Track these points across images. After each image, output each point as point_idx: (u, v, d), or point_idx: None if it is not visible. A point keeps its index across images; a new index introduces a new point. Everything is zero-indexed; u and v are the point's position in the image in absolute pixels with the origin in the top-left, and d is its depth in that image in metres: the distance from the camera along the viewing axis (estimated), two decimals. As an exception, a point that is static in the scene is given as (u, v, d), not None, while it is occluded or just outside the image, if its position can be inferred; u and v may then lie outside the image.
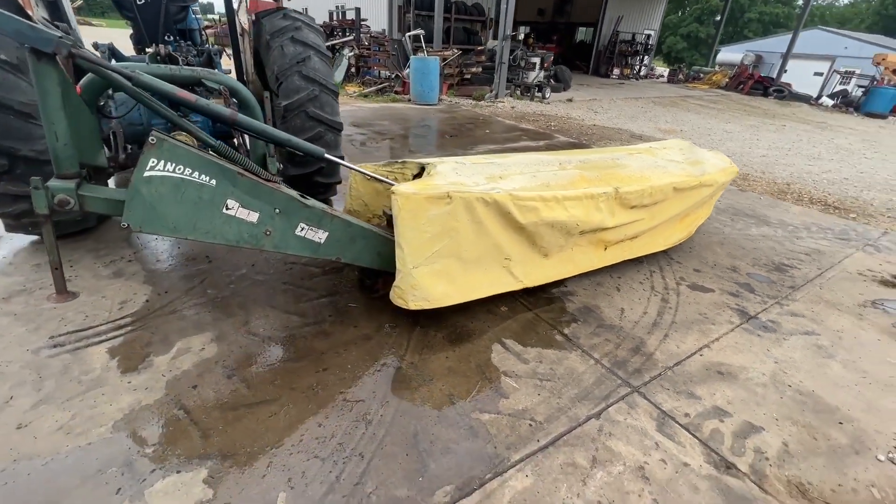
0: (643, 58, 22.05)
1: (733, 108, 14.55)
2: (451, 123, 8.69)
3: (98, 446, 1.76)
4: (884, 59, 18.06)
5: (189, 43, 3.53)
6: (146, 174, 1.86)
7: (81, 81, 2.15)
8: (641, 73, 22.36)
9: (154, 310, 2.58)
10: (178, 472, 1.68)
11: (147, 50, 3.70)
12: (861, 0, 62.19)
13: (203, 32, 4.43)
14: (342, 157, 3.15)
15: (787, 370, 2.42)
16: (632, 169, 3.31)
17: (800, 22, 19.13)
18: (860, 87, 18.96)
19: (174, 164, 1.89)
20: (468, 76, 12.37)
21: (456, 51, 11.99)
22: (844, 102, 16.63)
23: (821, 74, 29.65)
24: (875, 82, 17.59)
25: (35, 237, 3.15)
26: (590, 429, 1.98)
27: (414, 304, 2.43)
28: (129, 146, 3.26)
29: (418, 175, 2.95)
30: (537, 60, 12.36)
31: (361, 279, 2.97)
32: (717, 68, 24.39)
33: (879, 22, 52.02)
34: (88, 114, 2.16)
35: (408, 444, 1.85)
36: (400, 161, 3.01)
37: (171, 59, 2.86)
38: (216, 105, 2.05)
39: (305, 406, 2.01)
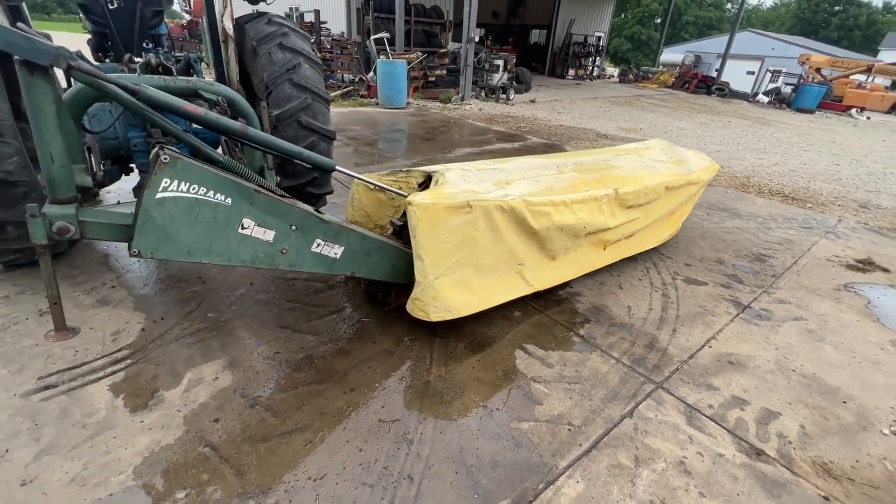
0: (595, 59, 22.92)
1: (683, 106, 15.41)
2: (424, 127, 8.64)
3: (121, 497, 1.60)
4: (808, 59, 19.76)
5: (165, 50, 3.30)
6: (158, 195, 1.71)
7: (65, 95, 1.95)
8: (594, 74, 23.23)
9: (153, 339, 2.39)
10: (218, 515, 1.56)
11: (107, 59, 3.42)
12: (781, 4, 67.80)
13: (170, 38, 4.15)
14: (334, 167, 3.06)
15: (788, 356, 2.58)
16: (624, 170, 3.43)
17: (735, 25, 20.56)
18: (788, 84, 20.61)
19: (188, 184, 1.76)
20: (432, 79, 12.37)
21: (420, 53, 11.95)
22: (778, 99, 18.03)
23: (752, 73, 32.06)
24: (802, 80, 19.21)
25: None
26: (626, 428, 2.02)
27: (436, 316, 2.40)
28: (103, 163, 3.02)
29: (423, 183, 2.91)
30: (501, 63, 12.54)
31: (370, 292, 2.90)
32: (661, 68, 25.72)
33: (797, 24, 56.88)
34: (75, 131, 1.96)
35: (454, 461, 1.82)
36: (404, 170, 2.96)
37: (164, 70, 2.65)
38: (226, 119, 1.92)
39: (340, 431, 1.92)
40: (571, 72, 21.87)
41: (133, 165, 3.14)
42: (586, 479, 1.77)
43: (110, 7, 2.78)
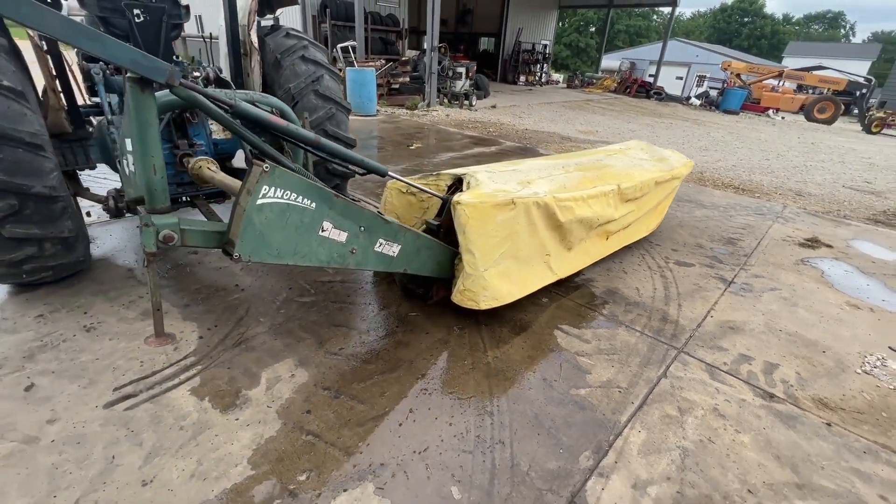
0: (543, 66, 24.07)
1: (628, 109, 16.62)
2: (400, 133, 8.82)
3: (246, 484, 1.71)
4: (729, 65, 21.92)
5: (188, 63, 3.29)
6: (259, 202, 1.83)
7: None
8: (543, 80, 24.37)
9: (214, 345, 2.44)
10: (344, 490, 1.71)
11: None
12: (699, 15, 74.33)
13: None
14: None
15: (773, 319, 3.07)
16: (618, 168, 3.84)
17: (666, 34, 22.37)
18: (712, 88, 22.74)
19: (283, 190, 1.88)
20: (396, 86, 12.55)
21: (384, 61, 12.09)
22: (708, 102, 19.88)
23: (681, 78, 34.96)
24: (725, 84, 21.29)
25: (12, 286, 2.74)
26: (664, 386, 2.37)
27: (485, 304, 2.64)
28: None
29: (452, 185, 3.14)
30: (463, 70, 12.97)
31: (409, 289, 3.07)
32: (603, 74, 27.41)
33: (714, 34, 62.57)
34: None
35: (534, 425, 2.07)
36: (434, 174, 3.17)
37: (220, 83, 2.68)
38: (303, 130, 2.06)
39: (426, 410, 2.11)
40: (522, 78, 22.84)
41: None
42: (646, 429, 2.08)
43: (136, 21, 2.78)
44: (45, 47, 2.43)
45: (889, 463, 2.00)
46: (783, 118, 18.80)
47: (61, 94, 2.55)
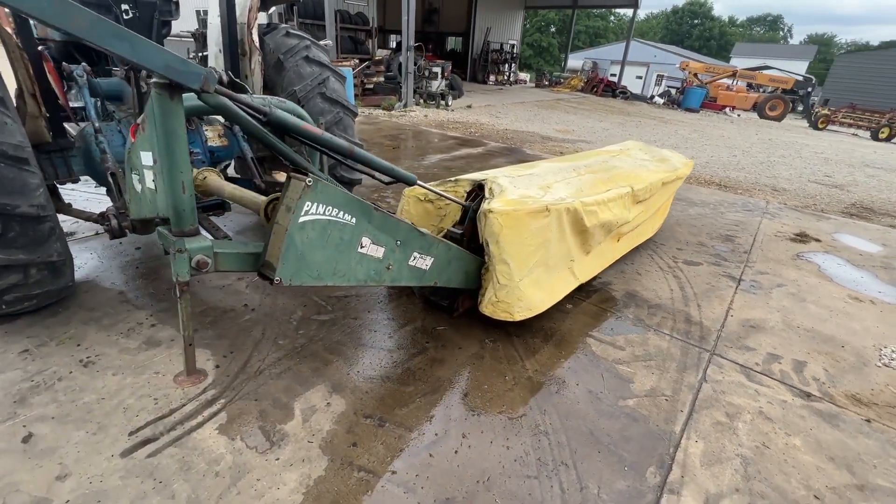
0: (511, 65, 24.29)
1: (597, 108, 17.01)
2: (382, 135, 8.59)
3: (304, 535, 1.54)
4: (687, 65, 22.89)
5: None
6: (301, 220, 1.65)
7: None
8: (512, 80, 24.59)
9: (234, 375, 2.23)
10: (414, 532, 1.57)
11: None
12: (653, 17, 77.37)
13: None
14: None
15: (788, 316, 3.14)
16: (625, 169, 3.84)
17: (629, 35, 23.08)
18: (671, 87, 23.69)
19: (325, 206, 1.71)
20: (370, 86, 12.27)
21: (357, 61, 11.79)
22: (671, 101, 20.66)
23: (640, 77, 36.21)
24: (684, 84, 22.21)
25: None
26: (707, 391, 2.35)
27: (519, 315, 2.54)
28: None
29: (472, 192, 3.02)
30: (439, 70, 12.83)
31: (430, 301, 2.93)
32: (570, 74, 27.99)
33: (668, 35, 65.33)
34: None
35: (591, 442, 1.99)
36: (452, 179, 3.04)
37: (234, 87, 2.42)
38: (337, 138, 1.89)
39: (479, 434, 2.00)
40: (492, 78, 22.96)
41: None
42: (702, 438, 2.05)
43: (125, 17, 2.49)
44: (21, 45, 2.12)
45: (931, 456, 2.05)
46: (739, 115, 19.81)
47: (41, 100, 2.25)
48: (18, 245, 2.06)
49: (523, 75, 27.79)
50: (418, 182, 2.49)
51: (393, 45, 23.63)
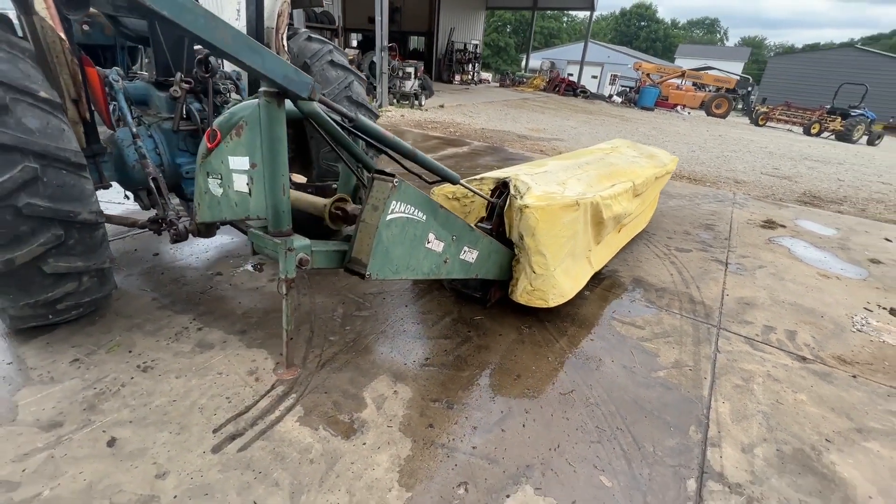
0: (475, 65, 24.68)
1: (562, 107, 17.65)
2: (362, 135, 8.60)
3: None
4: (641, 66, 24.15)
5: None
6: (388, 218, 1.77)
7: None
8: (477, 80, 24.99)
9: (278, 367, 2.30)
10: (507, 496, 1.74)
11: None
12: (602, 18, 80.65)
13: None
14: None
15: (773, 293, 3.55)
16: (621, 166, 4.15)
17: (587, 36, 24.05)
18: (624, 86, 24.92)
19: (406, 205, 1.84)
20: (342, 86, 12.16)
21: (329, 60, 11.66)
22: (628, 99, 21.74)
23: (596, 77, 37.73)
24: (639, 83, 23.42)
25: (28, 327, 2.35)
26: (722, 360, 2.66)
27: (553, 302, 2.76)
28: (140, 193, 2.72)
29: (496, 189, 3.20)
30: (412, 70, 12.91)
31: (463, 294, 3.09)
32: (532, 74, 28.75)
33: (617, 36, 68.39)
34: None
35: (637, 409, 2.23)
36: (477, 178, 3.21)
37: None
38: (405, 143, 2.02)
39: (539, 409, 2.19)
40: (457, 77, 23.24)
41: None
42: (727, 400, 2.35)
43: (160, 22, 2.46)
44: (72, 50, 2.09)
45: (907, 401, 2.45)
46: (689, 113, 21.15)
47: (85, 106, 2.22)
48: (76, 252, 2.05)
49: (486, 75, 28.28)
50: (461, 181, 2.64)
51: (354, 43, 23.37)
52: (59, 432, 1.84)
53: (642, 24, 69.12)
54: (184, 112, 2.65)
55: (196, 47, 2.63)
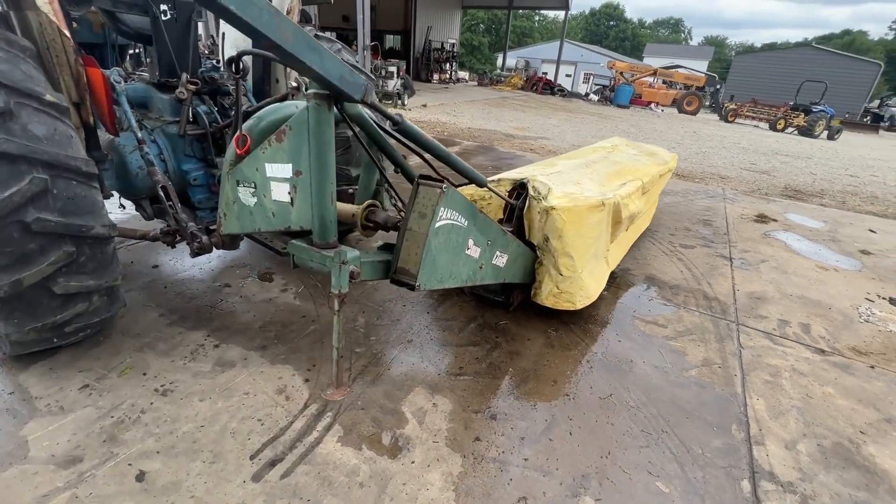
0: (452, 64, 24.63)
1: (542, 106, 17.81)
2: (350, 136, 8.42)
3: (473, 528, 1.60)
4: (614, 65, 24.62)
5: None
6: (437, 225, 1.68)
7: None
8: (455, 79, 24.94)
9: (328, 387, 2.19)
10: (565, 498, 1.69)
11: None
12: (572, 17, 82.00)
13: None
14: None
15: (781, 286, 3.63)
16: (626, 164, 4.17)
17: (563, 35, 24.34)
18: (598, 84, 25.38)
19: (451, 211, 1.76)
20: (323, 86, 11.89)
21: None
22: (604, 98, 22.13)
23: (570, 76, 38.27)
24: (613, 82, 23.88)
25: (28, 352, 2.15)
26: (748, 356, 2.69)
27: (580, 304, 2.73)
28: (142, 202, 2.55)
29: (513, 190, 3.15)
30: (395, 69, 12.73)
31: (484, 298, 3.02)
32: (509, 72, 28.91)
33: (588, 35, 69.64)
34: None
35: (677, 410, 2.22)
36: (495, 179, 3.15)
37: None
38: (441, 145, 1.93)
39: (581, 415, 2.15)
40: (436, 76, 23.13)
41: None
42: (761, 396, 2.36)
43: (163, 17, 2.29)
44: (76, 50, 1.91)
45: (924, 389, 2.54)
46: (663, 111, 21.71)
47: (89, 110, 2.03)
48: (87, 270, 1.87)
49: (463, 73, 28.28)
50: (488, 185, 2.58)
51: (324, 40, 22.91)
52: (79, 468, 1.68)
53: (611, 23, 70.67)
54: (190, 115, 2.48)
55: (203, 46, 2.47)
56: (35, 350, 2.06)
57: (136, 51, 3.81)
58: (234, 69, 1.58)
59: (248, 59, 2.88)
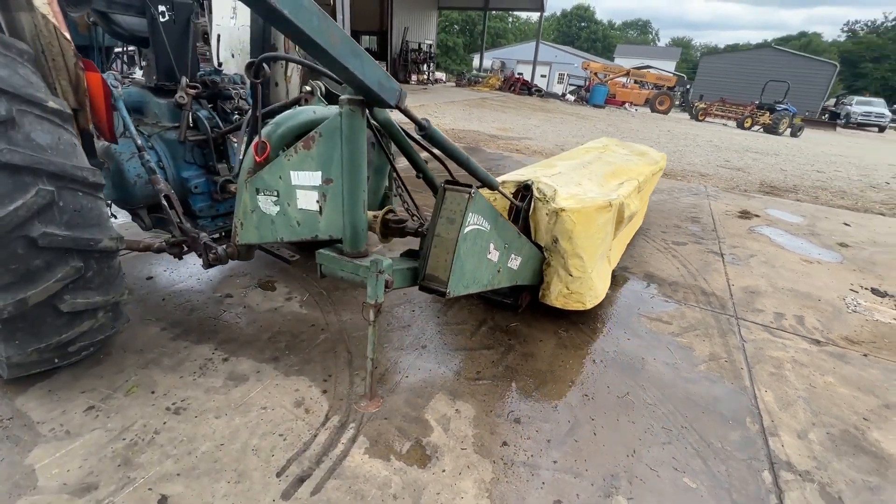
0: (430, 65, 24.61)
1: (521, 106, 17.99)
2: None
3: (512, 534, 1.59)
4: (588, 65, 25.11)
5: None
6: (466, 230, 1.66)
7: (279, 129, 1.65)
8: (433, 79, 24.92)
9: (347, 397, 2.14)
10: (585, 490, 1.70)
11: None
12: (545, 19, 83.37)
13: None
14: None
15: (772, 280, 3.77)
16: (620, 164, 4.25)
17: (538, 36, 24.66)
18: (573, 85, 25.83)
19: (478, 216, 1.74)
20: (302, 87, 11.68)
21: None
22: (580, 98, 22.53)
23: (545, 76, 38.80)
24: (588, 82, 24.35)
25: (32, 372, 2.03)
26: (751, 349, 2.78)
27: (590, 304, 2.76)
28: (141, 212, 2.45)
29: (517, 192, 3.16)
30: (374, 70, 12.59)
31: (490, 300, 3.01)
32: (487, 73, 29.07)
33: (560, 36, 70.84)
34: None
35: (692, 405, 2.27)
36: (498, 181, 3.15)
37: (332, 98, 2.20)
38: (462, 151, 1.92)
39: (603, 414, 2.17)
40: (413, 77, 23.06)
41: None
42: (768, 388, 2.44)
43: (161, 19, 2.19)
44: (76, 53, 1.80)
45: (914, 375, 2.67)
46: (637, 111, 22.26)
47: (89, 117, 1.93)
48: (94, 286, 1.78)
49: (440, 74, 28.28)
50: (499, 188, 2.58)
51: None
52: (95, 496, 1.59)
53: (583, 24, 72.09)
54: (190, 120, 2.39)
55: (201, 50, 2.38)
56: (35, 372, 1.94)
57: (119, 54, 3.65)
58: (254, 74, 1.53)
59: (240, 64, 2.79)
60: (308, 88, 2.03)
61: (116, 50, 3.45)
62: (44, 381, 2.06)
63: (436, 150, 1.92)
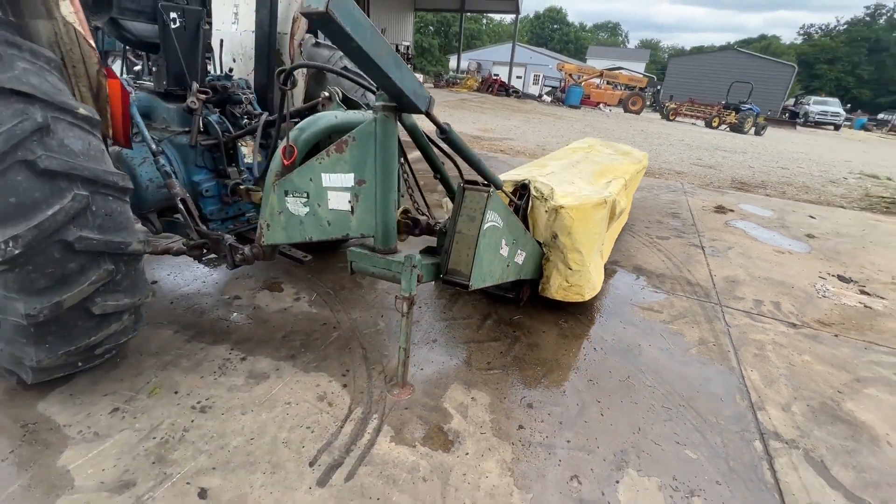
0: (409, 66, 24.66)
1: (499, 107, 18.25)
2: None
3: (536, 507, 1.71)
4: (563, 67, 25.66)
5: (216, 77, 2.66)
6: (485, 227, 1.78)
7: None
8: (409, 80, 24.99)
9: (367, 390, 2.22)
10: (616, 481, 1.85)
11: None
12: (518, 20, 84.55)
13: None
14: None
15: (749, 269, 4.03)
16: (606, 163, 4.45)
17: (514, 38, 25.05)
18: (548, 86, 26.37)
19: (494, 213, 1.86)
20: (282, 89, 11.57)
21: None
22: (556, 98, 23.00)
23: (520, 77, 39.35)
24: (563, 83, 24.88)
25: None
26: (736, 333, 2.99)
27: (588, 295, 2.93)
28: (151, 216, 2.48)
29: (516, 191, 3.29)
30: (355, 72, 12.58)
31: (492, 294, 3.14)
32: (464, 74, 29.29)
33: (533, 38, 71.97)
34: None
35: (688, 387, 2.45)
36: (498, 181, 3.28)
37: (348, 103, 2.25)
38: (473, 151, 2.03)
39: (608, 397, 2.32)
40: (391, 78, 23.07)
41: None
42: (753, 367, 2.65)
43: (173, 26, 2.22)
44: (99, 60, 1.83)
45: (881, 352, 2.94)
46: (611, 111, 22.89)
47: (110, 123, 1.95)
48: (122, 288, 1.81)
49: (418, 75, 28.37)
50: (503, 187, 2.70)
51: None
52: (135, 493, 1.63)
53: (555, 26, 73.43)
54: (201, 125, 2.43)
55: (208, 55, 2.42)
56: (57, 376, 1.95)
57: (116, 58, 3.61)
58: (283, 81, 1.60)
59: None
60: (326, 94, 2.11)
61: (115, 53, 3.42)
62: (63, 386, 2.07)
63: (450, 151, 2.03)
